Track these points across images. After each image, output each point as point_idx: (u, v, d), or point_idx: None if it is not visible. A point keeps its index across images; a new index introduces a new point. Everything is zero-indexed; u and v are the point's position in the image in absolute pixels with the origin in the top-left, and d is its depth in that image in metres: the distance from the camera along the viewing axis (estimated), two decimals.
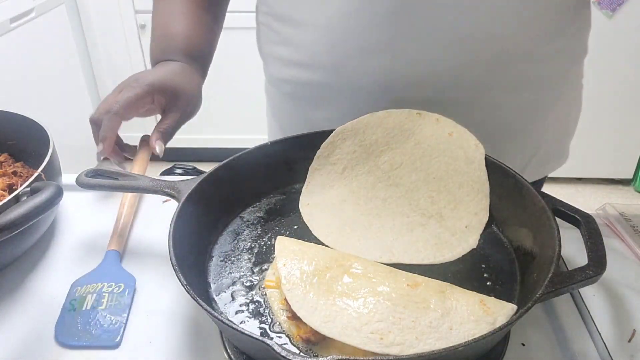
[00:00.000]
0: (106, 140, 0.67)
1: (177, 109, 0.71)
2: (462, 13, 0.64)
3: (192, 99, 0.73)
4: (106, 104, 0.68)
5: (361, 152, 0.66)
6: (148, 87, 0.68)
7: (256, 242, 0.62)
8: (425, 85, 0.70)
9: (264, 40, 0.81)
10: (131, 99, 0.67)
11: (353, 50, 0.69)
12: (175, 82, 0.71)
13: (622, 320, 0.55)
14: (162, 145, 0.70)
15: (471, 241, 0.59)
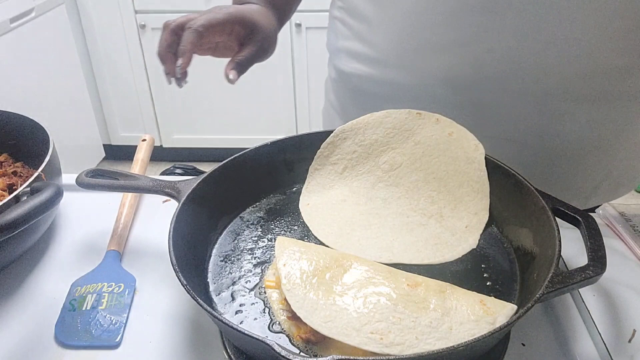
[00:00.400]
0: (185, 54, 0.65)
1: (254, 43, 0.71)
2: (535, 15, 0.61)
3: (269, 37, 0.74)
4: (186, 20, 0.67)
5: (361, 152, 0.66)
6: (229, 15, 0.69)
7: (256, 242, 0.62)
8: (490, 87, 0.68)
9: (336, 35, 0.82)
10: (213, 20, 0.67)
11: (419, 48, 0.69)
12: (254, 17, 0.71)
13: (622, 320, 0.55)
14: (236, 74, 0.68)
15: (471, 241, 0.59)
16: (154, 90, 2.44)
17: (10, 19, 1.81)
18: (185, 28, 0.65)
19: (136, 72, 2.39)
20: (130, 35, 2.31)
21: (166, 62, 0.67)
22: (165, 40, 0.66)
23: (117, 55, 2.37)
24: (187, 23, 0.66)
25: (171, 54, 0.66)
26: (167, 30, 0.67)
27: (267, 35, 0.73)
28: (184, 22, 0.66)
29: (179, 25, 0.66)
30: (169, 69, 0.66)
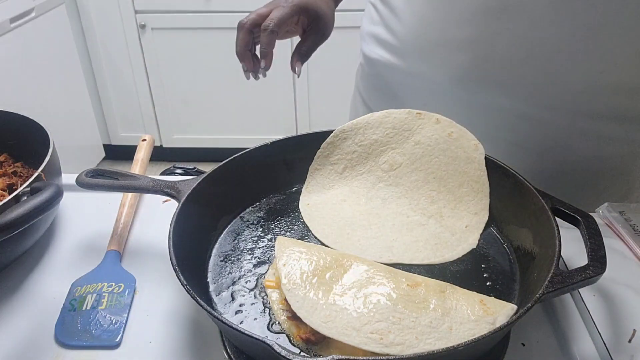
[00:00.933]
0: (267, 55, 0.70)
1: (316, 31, 0.75)
2: (548, 23, 0.61)
3: (329, 21, 0.77)
4: (259, 17, 0.71)
5: (361, 152, 0.66)
6: (296, 8, 0.72)
7: (256, 242, 0.62)
8: (501, 91, 0.68)
9: (367, 19, 0.83)
10: (284, 17, 0.70)
11: (438, 42, 0.70)
12: (316, 4, 0.74)
13: (622, 320, 0.55)
14: (300, 66, 0.74)
15: (471, 241, 0.59)
16: (154, 90, 2.44)
17: (10, 19, 1.81)
18: (260, 27, 0.70)
19: (136, 72, 2.39)
20: (130, 35, 2.31)
21: (245, 61, 0.72)
22: (243, 40, 0.71)
23: (117, 55, 2.37)
24: (260, 21, 0.70)
25: (249, 53, 0.72)
26: (243, 31, 0.71)
27: (327, 21, 0.76)
28: (258, 20, 0.70)
29: (253, 24, 0.70)
30: (249, 67, 0.72)
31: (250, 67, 0.72)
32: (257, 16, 0.71)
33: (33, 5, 1.92)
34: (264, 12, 0.71)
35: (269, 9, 0.72)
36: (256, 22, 0.70)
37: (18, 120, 0.72)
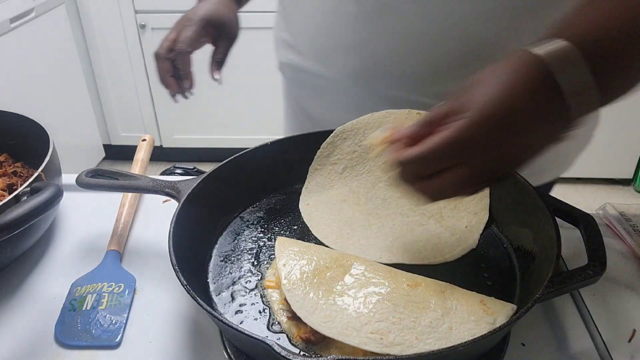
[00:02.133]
0: (188, 76, 0.81)
1: (225, 37, 0.82)
2: (432, 15, 0.64)
3: (235, 27, 0.83)
4: (170, 43, 0.77)
5: (361, 152, 0.66)
6: (201, 23, 0.78)
7: (256, 242, 0.62)
8: (396, 85, 0.71)
9: (276, 25, 0.86)
10: (192, 36, 0.77)
11: (328, 46, 0.72)
12: (219, 14, 0.80)
13: (622, 320, 0.55)
14: (219, 73, 0.82)
15: (471, 241, 0.59)
16: (154, 90, 2.44)
17: (10, 19, 1.81)
18: (174, 50, 0.76)
19: (136, 72, 2.39)
20: (130, 35, 2.31)
21: (171, 87, 0.80)
22: (162, 69, 0.78)
23: (117, 55, 2.37)
24: (172, 46, 0.77)
25: (172, 78, 0.79)
26: (160, 60, 0.78)
27: (233, 26, 0.82)
28: (171, 46, 0.77)
29: (168, 51, 0.77)
30: (174, 90, 0.80)
31: (175, 90, 0.81)
32: (169, 42, 0.77)
33: (33, 5, 1.92)
34: (173, 36, 0.77)
35: (177, 31, 0.78)
36: (169, 48, 0.77)
37: (18, 120, 0.72)
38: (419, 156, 0.44)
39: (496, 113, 0.43)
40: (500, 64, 0.46)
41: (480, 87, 0.45)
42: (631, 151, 2.37)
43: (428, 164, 0.45)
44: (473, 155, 0.43)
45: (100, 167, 0.66)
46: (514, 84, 0.44)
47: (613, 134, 2.30)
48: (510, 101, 0.43)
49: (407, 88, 0.70)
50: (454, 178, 0.44)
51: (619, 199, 2.37)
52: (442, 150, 0.43)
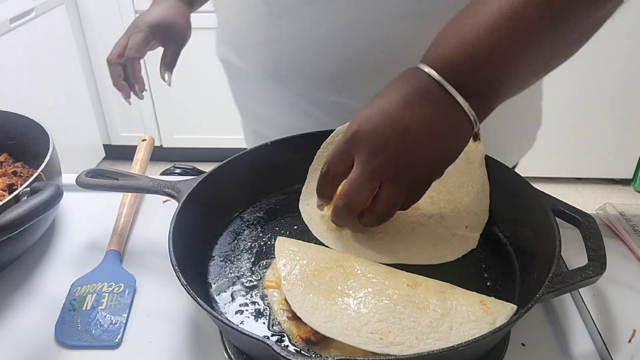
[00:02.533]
0: (138, 80, 0.88)
1: (174, 41, 0.87)
2: (331, 18, 0.66)
3: (184, 30, 0.88)
4: (120, 49, 0.84)
5: None
6: (149, 29, 0.83)
7: (256, 242, 0.62)
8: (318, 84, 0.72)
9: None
10: (140, 42, 0.83)
11: (245, 42, 0.75)
12: (167, 18, 0.85)
13: (622, 320, 0.55)
14: (170, 74, 0.87)
15: (471, 241, 0.59)
16: (154, 90, 2.44)
17: (10, 19, 1.81)
18: (124, 56, 0.83)
19: None
20: None
21: (122, 90, 0.87)
22: (114, 74, 0.86)
23: None
24: (123, 51, 0.83)
25: (124, 82, 0.87)
26: (111, 65, 0.85)
27: (182, 30, 0.87)
28: (121, 52, 0.84)
29: (119, 56, 0.84)
30: (127, 93, 0.88)
31: (128, 93, 0.87)
32: (119, 48, 0.84)
33: (33, 5, 1.92)
34: (124, 42, 0.83)
35: (127, 36, 0.84)
36: (120, 53, 0.83)
37: (18, 120, 0.72)
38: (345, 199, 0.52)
39: (385, 125, 0.50)
40: (388, 85, 0.53)
41: (367, 110, 0.52)
42: (631, 151, 2.37)
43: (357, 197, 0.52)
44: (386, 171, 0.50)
45: (100, 167, 0.66)
46: (397, 96, 0.50)
47: (613, 134, 2.30)
48: (394, 111, 0.50)
49: (323, 88, 0.72)
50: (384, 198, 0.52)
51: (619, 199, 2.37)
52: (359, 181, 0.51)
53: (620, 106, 2.23)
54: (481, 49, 0.48)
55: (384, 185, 0.51)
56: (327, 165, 0.54)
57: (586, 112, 2.24)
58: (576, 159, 2.33)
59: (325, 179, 0.55)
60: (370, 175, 0.50)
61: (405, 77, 0.52)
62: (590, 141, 2.28)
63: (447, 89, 0.49)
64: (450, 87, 0.49)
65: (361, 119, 0.51)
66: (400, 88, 0.51)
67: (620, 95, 2.20)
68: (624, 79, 2.16)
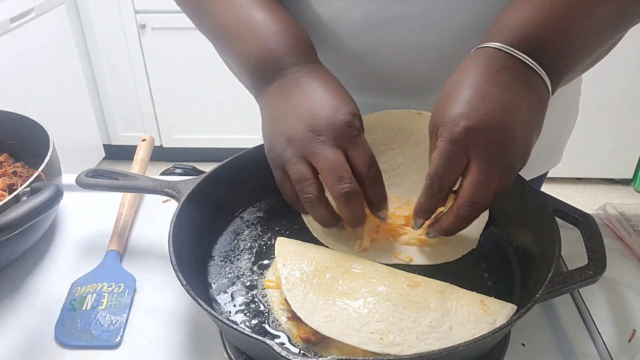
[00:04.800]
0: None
1: None
2: (429, 26, 0.63)
3: None
4: (343, 172, 0.52)
5: None
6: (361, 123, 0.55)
7: (256, 242, 0.62)
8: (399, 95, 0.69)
9: None
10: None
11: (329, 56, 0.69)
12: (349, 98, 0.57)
13: (622, 320, 0.55)
14: None
15: (471, 241, 0.59)
16: (154, 90, 2.44)
17: (10, 19, 1.81)
18: None
19: (136, 72, 2.39)
20: (130, 35, 2.31)
21: None
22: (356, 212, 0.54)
23: (117, 55, 2.37)
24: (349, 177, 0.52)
25: None
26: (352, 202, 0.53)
27: None
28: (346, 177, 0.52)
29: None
30: None
31: None
32: (342, 172, 0.51)
33: (33, 5, 1.92)
34: (338, 158, 0.51)
35: (336, 150, 0.51)
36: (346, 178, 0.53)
37: (18, 120, 0.72)
38: (473, 204, 0.48)
39: (493, 111, 0.47)
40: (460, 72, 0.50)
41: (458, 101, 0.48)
42: (631, 151, 2.37)
43: (486, 199, 0.48)
44: (510, 161, 0.47)
45: (100, 167, 0.66)
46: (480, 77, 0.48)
47: (613, 134, 2.30)
48: (491, 93, 0.47)
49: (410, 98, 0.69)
50: (496, 190, 0.48)
51: (619, 199, 2.37)
52: (489, 180, 0.47)
53: (620, 106, 2.23)
54: (556, 23, 0.48)
55: (499, 178, 0.48)
56: (436, 181, 0.48)
57: (586, 112, 2.24)
58: (576, 159, 2.33)
59: (434, 196, 0.49)
60: (495, 170, 0.47)
61: (477, 59, 0.50)
62: (590, 141, 2.27)
63: (526, 59, 0.48)
64: (528, 58, 0.48)
65: (462, 112, 0.47)
66: (478, 69, 0.49)
67: (620, 96, 2.20)
68: (624, 79, 2.16)
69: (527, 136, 0.48)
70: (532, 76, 0.49)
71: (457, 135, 0.47)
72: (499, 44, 0.49)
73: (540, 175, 0.86)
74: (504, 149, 0.47)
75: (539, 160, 0.83)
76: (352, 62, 0.68)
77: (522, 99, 0.48)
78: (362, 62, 0.67)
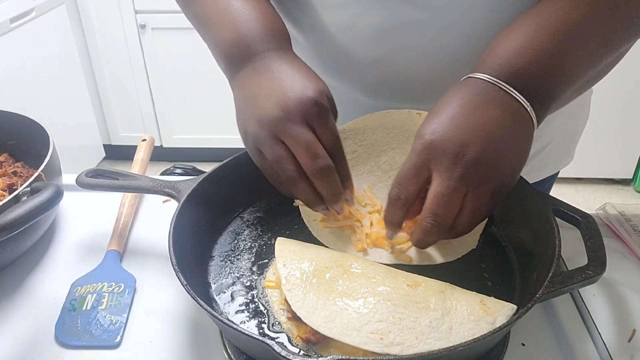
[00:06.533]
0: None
1: None
2: (444, 31, 0.62)
3: None
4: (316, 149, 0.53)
5: (361, 152, 0.66)
6: (330, 103, 0.55)
7: (256, 242, 0.62)
8: (416, 98, 0.69)
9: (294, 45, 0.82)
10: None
11: (345, 63, 0.69)
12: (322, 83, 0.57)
13: (622, 320, 0.55)
14: None
15: (471, 241, 0.59)
16: (154, 90, 2.44)
17: (10, 19, 1.81)
18: None
19: (136, 72, 2.39)
20: (130, 35, 2.31)
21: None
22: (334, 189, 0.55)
23: (117, 55, 2.37)
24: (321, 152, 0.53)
25: None
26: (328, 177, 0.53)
27: None
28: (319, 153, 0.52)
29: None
30: None
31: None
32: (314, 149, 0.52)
33: (33, 5, 1.92)
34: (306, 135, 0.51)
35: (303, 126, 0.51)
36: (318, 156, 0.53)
37: (18, 120, 0.72)
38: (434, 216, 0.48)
39: (462, 129, 0.48)
40: (446, 96, 0.51)
41: (434, 119, 0.50)
42: (631, 151, 2.37)
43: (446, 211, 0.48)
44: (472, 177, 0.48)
45: (100, 167, 0.66)
46: (462, 102, 0.50)
47: (613, 134, 2.30)
48: (465, 115, 0.49)
49: (427, 102, 0.66)
50: (469, 207, 0.49)
51: (619, 199, 2.37)
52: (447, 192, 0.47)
53: (620, 106, 2.23)
54: (544, 55, 0.49)
55: (468, 195, 0.48)
56: (397, 189, 0.50)
57: None
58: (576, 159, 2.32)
59: (395, 205, 0.50)
60: (458, 183, 0.47)
61: (464, 87, 0.51)
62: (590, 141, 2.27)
63: (511, 92, 0.49)
64: (514, 90, 0.49)
65: (432, 129, 0.49)
66: (462, 96, 0.50)
67: (620, 96, 2.20)
68: (624, 79, 2.16)
69: (501, 161, 0.49)
70: (518, 108, 0.49)
71: (419, 146, 0.49)
72: (487, 75, 0.50)
73: (552, 175, 0.86)
74: (468, 164, 0.47)
75: (552, 160, 0.83)
76: (368, 68, 0.68)
77: (501, 128, 0.49)
78: (378, 67, 0.67)
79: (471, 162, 0.47)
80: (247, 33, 0.57)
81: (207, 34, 0.62)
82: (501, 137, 0.48)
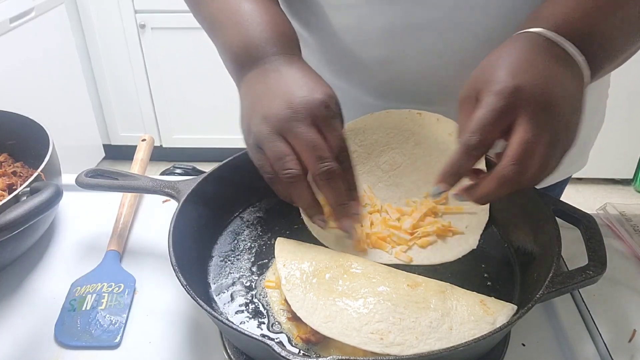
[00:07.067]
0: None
1: None
2: (453, 31, 0.62)
3: None
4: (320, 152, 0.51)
5: (361, 152, 0.66)
6: (337, 106, 0.54)
7: (256, 242, 0.62)
8: (422, 99, 0.69)
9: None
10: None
11: (353, 64, 0.69)
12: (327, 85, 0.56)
13: (622, 320, 0.55)
14: None
15: (471, 241, 0.58)
16: (153, 90, 2.44)
17: (10, 19, 1.81)
18: None
19: (136, 72, 2.39)
20: (130, 35, 2.31)
21: None
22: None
23: (117, 55, 2.37)
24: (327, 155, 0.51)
25: None
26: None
27: None
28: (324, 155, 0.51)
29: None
30: None
31: None
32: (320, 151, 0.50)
33: (33, 5, 1.92)
34: (314, 137, 0.50)
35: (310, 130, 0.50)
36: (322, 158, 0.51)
37: (18, 120, 0.72)
38: (519, 164, 0.45)
39: (543, 75, 0.47)
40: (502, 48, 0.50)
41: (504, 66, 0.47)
42: (631, 151, 2.37)
43: (532, 160, 0.45)
44: (557, 123, 0.46)
45: (100, 167, 0.66)
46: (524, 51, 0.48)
47: (613, 134, 2.29)
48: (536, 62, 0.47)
49: (433, 103, 0.68)
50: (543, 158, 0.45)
51: (619, 199, 2.37)
52: (536, 140, 0.44)
53: (620, 106, 2.23)
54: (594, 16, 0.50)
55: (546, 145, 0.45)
56: (477, 135, 0.45)
57: None
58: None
59: (470, 153, 0.46)
60: (544, 131, 0.44)
61: (520, 39, 0.50)
62: None
63: (566, 47, 0.49)
64: (569, 43, 0.49)
65: (511, 73, 0.46)
66: (520, 46, 0.49)
67: (620, 96, 2.20)
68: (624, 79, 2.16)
69: (572, 112, 0.47)
70: (572, 63, 0.49)
71: (506, 90, 0.45)
72: (541, 29, 0.49)
73: (564, 179, 0.85)
74: (552, 114, 0.45)
75: (565, 163, 0.82)
76: (376, 69, 0.68)
77: (565, 77, 0.48)
78: (386, 68, 0.67)
79: (556, 112, 0.45)
80: (256, 35, 0.57)
81: (217, 36, 0.62)
82: (572, 93, 0.48)
